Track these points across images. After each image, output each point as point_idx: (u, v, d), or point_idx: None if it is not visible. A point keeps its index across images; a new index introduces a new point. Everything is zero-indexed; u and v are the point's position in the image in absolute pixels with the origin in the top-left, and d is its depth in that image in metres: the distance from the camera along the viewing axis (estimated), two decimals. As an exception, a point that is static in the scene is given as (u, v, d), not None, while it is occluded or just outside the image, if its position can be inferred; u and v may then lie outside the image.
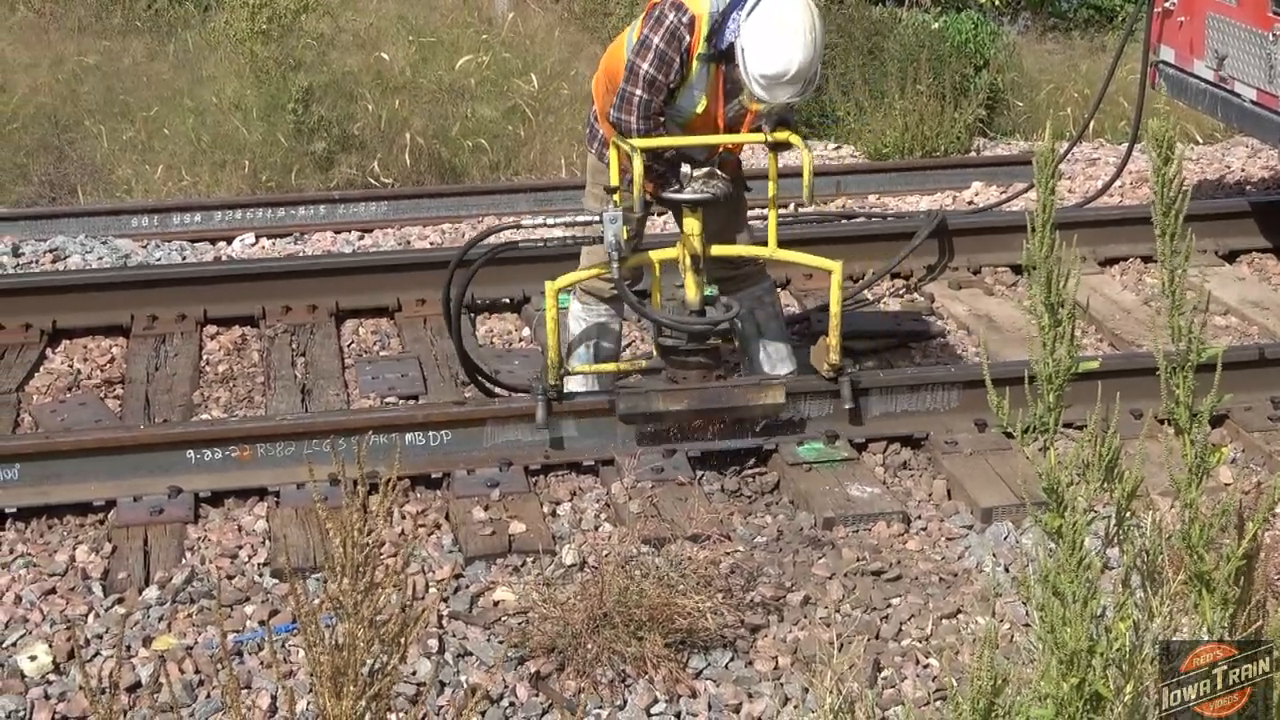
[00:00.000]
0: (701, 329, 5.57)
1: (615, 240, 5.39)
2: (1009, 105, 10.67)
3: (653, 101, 5.43)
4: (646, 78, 5.41)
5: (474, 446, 5.69)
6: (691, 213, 5.54)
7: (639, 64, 5.42)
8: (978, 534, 5.31)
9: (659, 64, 5.41)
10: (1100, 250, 7.88)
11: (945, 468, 5.71)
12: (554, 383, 5.61)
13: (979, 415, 5.92)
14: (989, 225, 8.02)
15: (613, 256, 5.41)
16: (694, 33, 5.41)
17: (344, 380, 6.59)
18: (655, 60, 5.41)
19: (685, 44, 5.40)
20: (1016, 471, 5.60)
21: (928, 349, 6.95)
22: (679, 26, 5.39)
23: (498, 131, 9.86)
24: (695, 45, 5.42)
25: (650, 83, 5.41)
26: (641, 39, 5.44)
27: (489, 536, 5.21)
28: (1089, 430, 3.29)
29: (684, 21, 5.40)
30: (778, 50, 5.31)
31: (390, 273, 7.34)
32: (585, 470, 5.72)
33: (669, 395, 5.63)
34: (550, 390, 5.62)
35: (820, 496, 5.49)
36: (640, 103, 5.43)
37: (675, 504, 5.39)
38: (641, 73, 5.42)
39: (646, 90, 5.42)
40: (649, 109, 5.42)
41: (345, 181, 9.32)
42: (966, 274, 7.80)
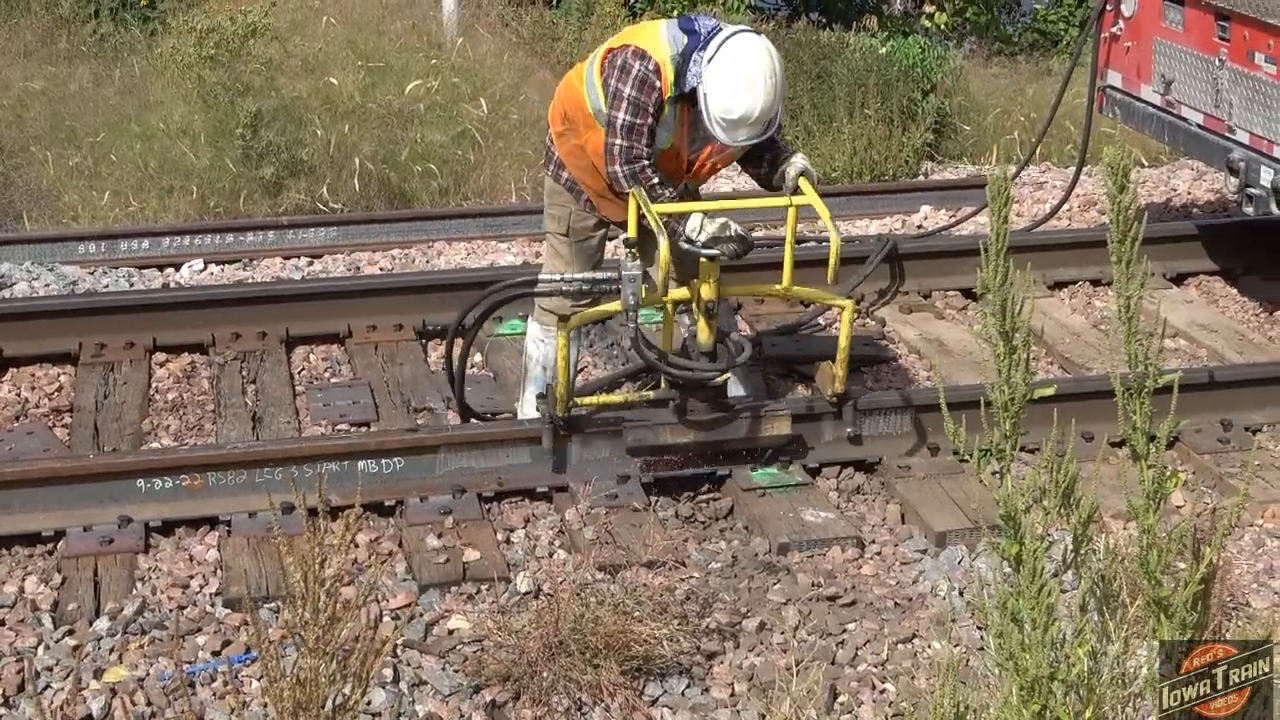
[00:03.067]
0: (712, 375, 5.64)
1: (634, 300, 5.39)
2: (956, 129, 10.71)
3: (633, 148, 5.47)
4: (624, 126, 5.47)
5: (427, 474, 5.67)
6: (709, 262, 5.57)
7: (615, 115, 5.49)
8: (932, 558, 5.32)
9: (635, 110, 5.46)
10: (1050, 274, 7.92)
11: (899, 492, 5.72)
12: (561, 412, 5.63)
13: (931, 440, 5.94)
14: (939, 250, 8.06)
15: (630, 317, 5.41)
16: (662, 78, 5.48)
17: (295, 407, 6.55)
18: (630, 108, 5.46)
19: (657, 88, 5.48)
20: (969, 495, 5.62)
21: (879, 373, 6.97)
22: (647, 74, 5.46)
23: (447, 156, 9.83)
24: (665, 88, 5.48)
25: (629, 129, 5.46)
26: (613, 91, 5.50)
27: (443, 564, 5.19)
28: (1044, 455, 3.31)
29: (650, 69, 5.47)
30: (739, 95, 5.39)
31: (340, 299, 7.30)
32: (538, 496, 5.72)
33: (676, 429, 5.67)
34: (558, 418, 5.64)
35: (774, 521, 5.49)
36: (620, 150, 5.48)
37: (630, 530, 5.38)
38: (619, 122, 5.48)
39: (625, 137, 5.47)
40: (631, 154, 5.47)
41: (294, 207, 9.27)
42: (917, 298, 7.83)
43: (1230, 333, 7.38)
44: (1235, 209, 8.47)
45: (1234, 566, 5.19)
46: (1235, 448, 6.08)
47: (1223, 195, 9.52)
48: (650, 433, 5.68)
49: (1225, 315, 7.68)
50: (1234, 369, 6.61)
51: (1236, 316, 7.68)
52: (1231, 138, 7.20)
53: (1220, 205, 9.37)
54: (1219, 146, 7.26)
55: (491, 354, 7.07)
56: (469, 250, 8.61)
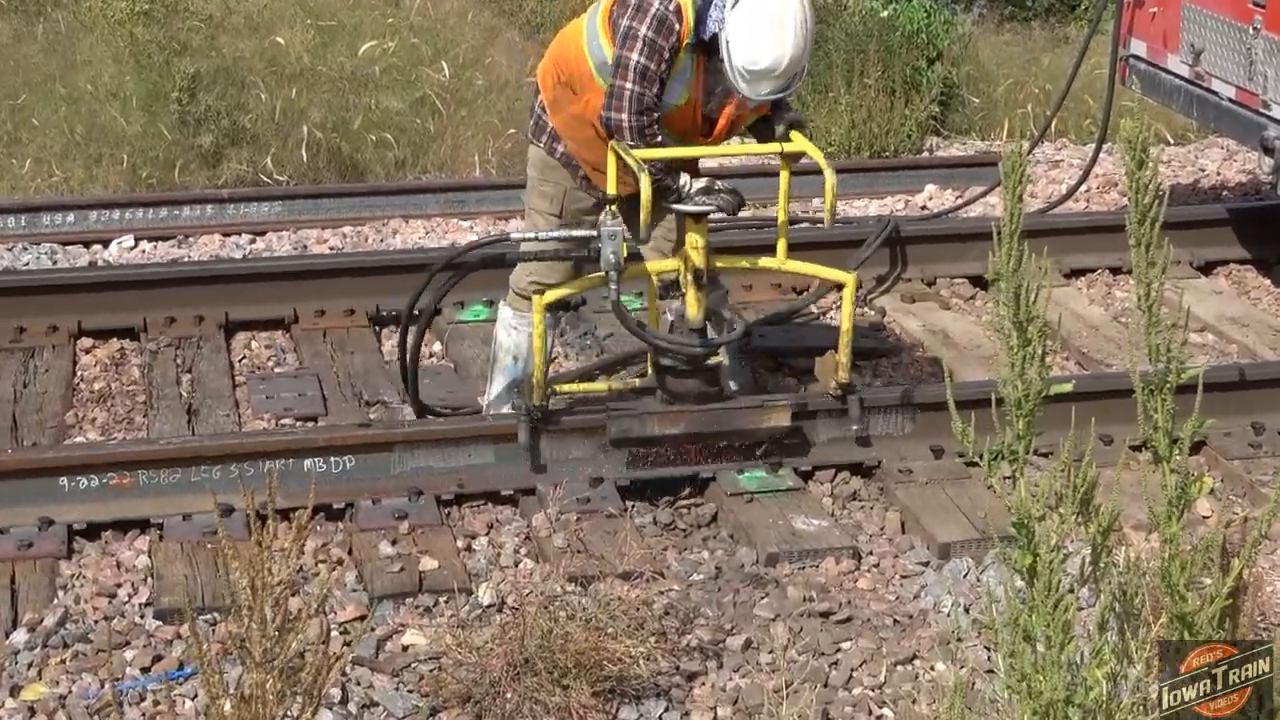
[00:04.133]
0: (702, 352, 5.66)
1: (615, 259, 5.40)
2: (964, 101, 10.74)
3: (645, 95, 5.44)
4: (638, 69, 5.42)
5: (380, 474, 5.67)
6: (695, 224, 5.58)
7: (628, 56, 5.43)
8: (935, 571, 5.34)
9: (649, 53, 5.42)
10: (1065, 261, 7.95)
11: (899, 498, 5.74)
12: (539, 403, 5.62)
13: (936, 441, 5.96)
14: (945, 233, 8.08)
15: (611, 277, 5.42)
16: (683, 20, 5.43)
17: (234, 400, 6.54)
18: (645, 49, 5.41)
19: (676, 32, 5.43)
20: (977, 503, 5.64)
21: (879, 368, 6.99)
22: (667, 14, 5.41)
23: (405, 125, 9.82)
24: (685, 33, 5.45)
25: (642, 74, 5.42)
26: (625, 30, 5.45)
27: (397, 574, 5.19)
28: (1061, 459, 3.33)
29: (671, 9, 5.42)
30: (767, 43, 5.36)
31: (285, 280, 7.29)
32: (504, 500, 5.72)
33: (664, 418, 5.68)
34: (535, 410, 5.64)
35: (763, 530, 5.50)
36: (632, 97, 5.43)
37: (603, 538, 5.39)
38: (632, 64, 5.42)
39: (638, 82, 5.43)
40: (642, 103, 5.44)
41: (235, 179, 9.25)
42: (920, 286, 7.85)
43: (1263, 327, 7.42)
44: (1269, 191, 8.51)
45: (1265, 582, 5.22)
46: (1268, 452, 6.11)
47: (1256, 176, 9.56)
48: (636, 423, 5.68)
49: (1258, 308, 7.71)
50: (1267, 367, 6.64)
51: (1270, 309, 7.72)
52: (1266, 113, 7.23)
53: (1253, 187, 9.42)
54: (1252, 123, 7.29)
55: (452, 342, 7.07)
56: (428, 229, 8.61)
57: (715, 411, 5.74)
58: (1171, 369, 3.35)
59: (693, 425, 5.71)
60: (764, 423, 5.76)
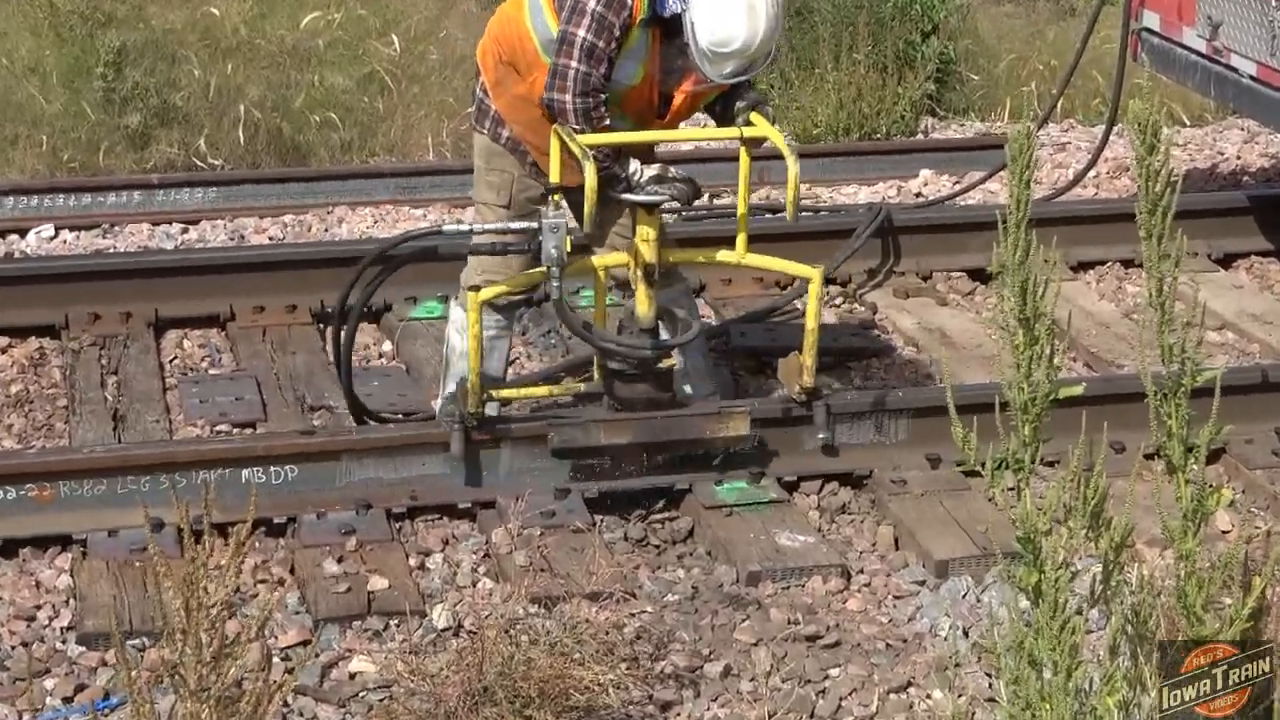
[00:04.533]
0: (654, 354, 5.66)
1: (556, 253, 5.39)
2: (962, 79, 10.77)
3: (592, 75, 5.44)
4: (584, 47, 5.42)
5: (325, 485, 5.68)
6: (646, 216, 5.58)
7: (573, 32, 5.43)
8: (931, 591, 5.35)
9: (598, 30, 5.42)
10: (1073, 253, 7.97)
11: (892, 511, 5.76)
12: (474, 410, 5.62)
13: (932, 449, 5.98)
14: (941, 222, 8.10)
15: (552, 273, 5.41)
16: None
17: (165, 404, 6.53)
18: (593, 26, 5.42)
19: (628, 7, 5.44)
20: (977, 516, 5.65)
21: (870, 369, 7.01)
22: None
23: (351, 104, 9.81)
24: (638, 9, 5.45)
25: (589, 52, 5.43)
26: (572, 4, 5.45)
27: (344, 594, 5.19)
28: (1069, 468, 3.34)
29: None
30: (737, 23, 5.39)
31: (221, 274, 7.28)
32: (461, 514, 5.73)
33: (612, 427, 5.68)
34: (469, 418, 5.64)
35: (743, 546, 5.51)
36: (577, 77, 5.44)
37: (569, 555, 5.40)
38: (578, 41, 5.43)
39: (584, 61, 5.44)
40: (588, 84, 5.44)
41: (165, 163, 9.23)
42: (915, 280, 7.87)
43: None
44: (1293, 177, 8.54)
45: (1289, 603, 5.24)
46: (1293, 461, 6.14)
47: (1278, 161, 9.60)
48: (581, 432, 5.69)
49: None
50: (1291, 368, 6.66)
51: (1295, 305, 7.74)
52: (1290, 92, 7.26)
53: (1276, 173, 9.46)
54: (1275, 102, 7.32)
55: (404, 342, 7.07)
56: (376, 217, 8.60)
57: (666, 419, 5.74)
58: (1187, 370, 3.36)
59: (642, 434, 5.72)
60: (721, 431, 5.77)
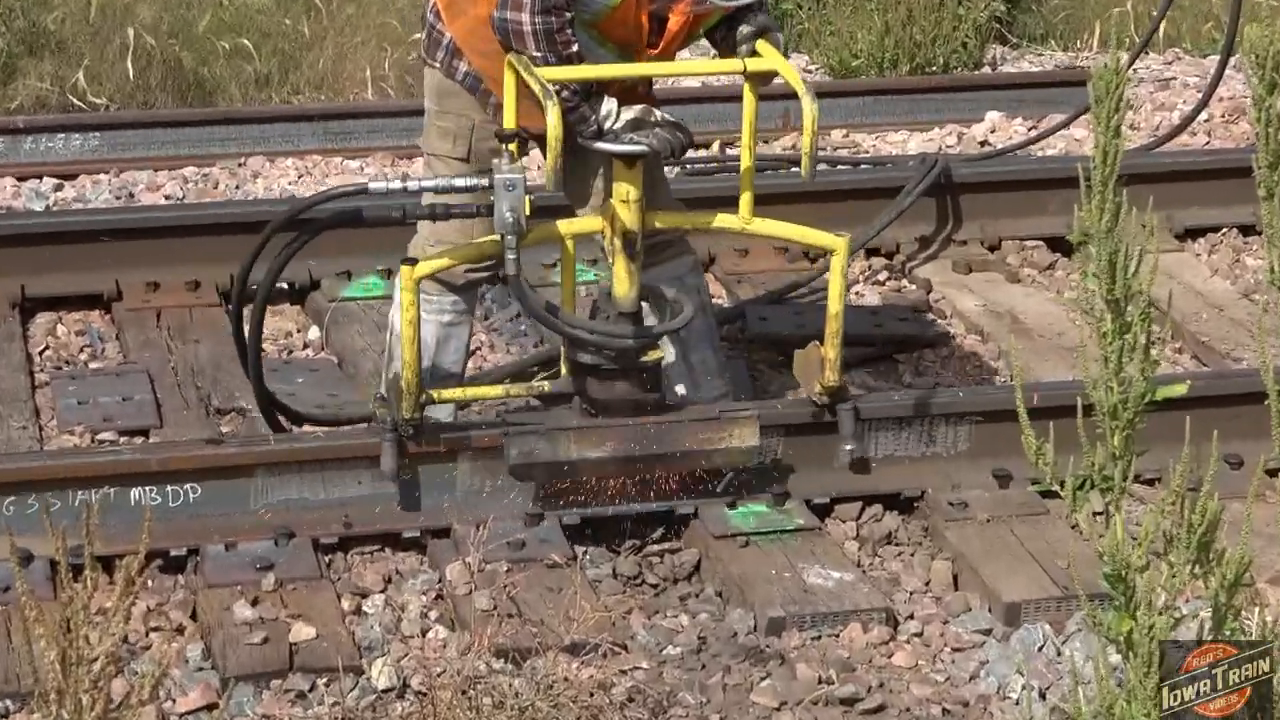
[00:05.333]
0: (636, 344, 5.64)
1: (512, 217, 5.38)
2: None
3: None
4: None
5: (236, 508, 5.69)
6: (625, 170, 5.57)
7: None
8: (999, 642, 5.36)
9: None
10: (1178, 217, 7.99)
11: (950, 542, 5.78)
12: (410, 415, 5.63)
13: (1000, 463, 6.01)
14: (1013, 177, 8.12)
15: (508, 242, 5.39)
16: None
17: (34, 406, 6.55)
18: None
19: None
20: (1056, 548, 5.67)
21: (922, 363, 7.03)
22: None
23: (269, 27, 9.83)
24: None
25: None
26: None
27: (259, 646, 5.20)
28: (1171, 487, 3.36)
29: None
30: None
31: (105, 242, 7.31)
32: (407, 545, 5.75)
33: (584, 437, 5.68)
34: (405, 425, 5.65)
35: (763, 585, 5.52)
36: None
37: (544, 596, 5.40)
38: None
39: None
40: (547, 2, 5.45)
41: (34, 102, 9.26)
42: (979, 250, 7.89)
43: None
44: None
45: None
46: None
47: None
48: (545, 443, 5.69)
49: None
50: None
51: None
52: None
53: None
54: None
55: (336, 327, 7.07)
56: (301, 169, 8.62)
57: (652, 427, 5.73)
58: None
59: (622, 446, 5.69)
60: (722, 442, 5.76)
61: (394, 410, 5.65)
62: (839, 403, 5.87)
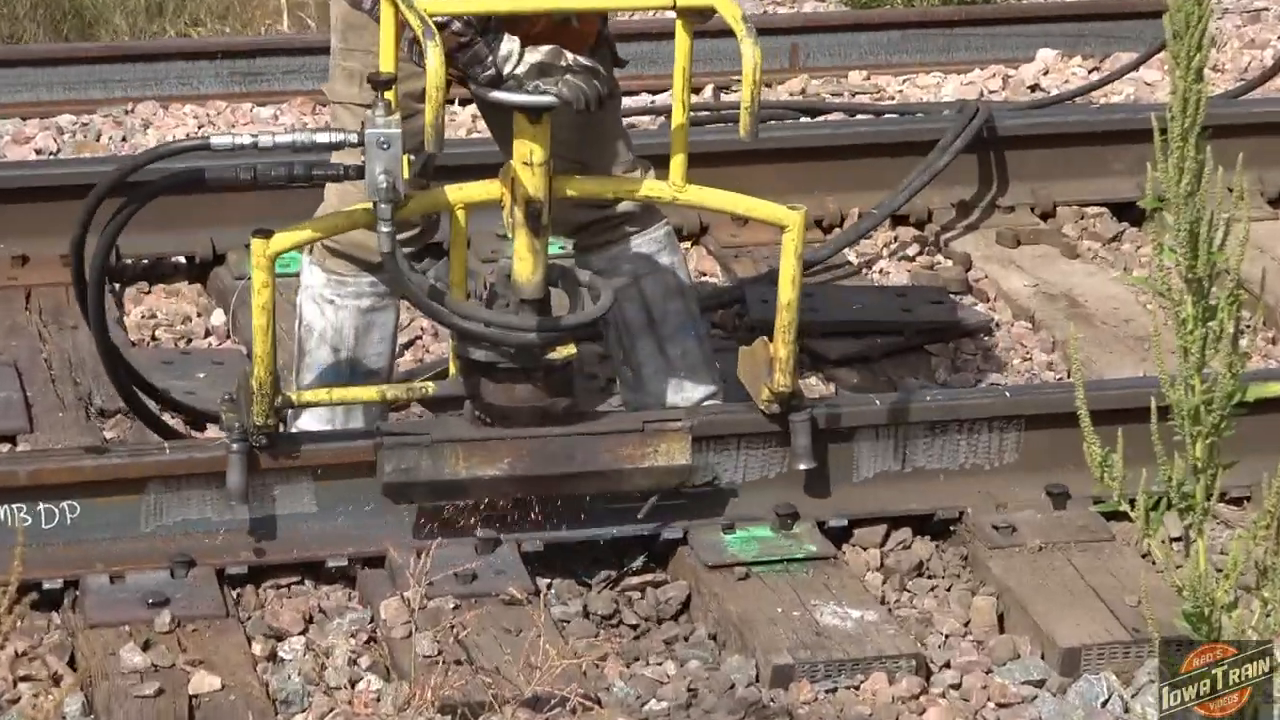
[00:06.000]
0: (540, 338, 5.64)
1: (387, 178, 5.33)
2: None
3: None
4: None
5: (124, 531, 5.70)
6: (529, 125, 5.55)
7: None
8: (1054, 696, 5.38)
9: None
10: (1271, 178, 8.02)
11: (995, 574, 5.80)
12: (263, 421, 5.62)
13: (1056, 478, 6.04)
14: (1069, 130, 8.16)
15: (380, 211, 5.35)
16: None
17: (-128, 405, 6.57)
18: None
19: None
20: (1124, 581, 5.68)
21: (961, 356, 7.05)
22: None
23: (161, -54, 9.86)
24: None
25: None
26: None
27: (152, 700, 5.20)
28: (1265, 507, 3.38)
29: None
30: None
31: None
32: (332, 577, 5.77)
33: (474, 451, 5.69)
34: (256, 434, 5.66)
35: (766, 626, 5.53)
36: None
37: (500, 639, 5.42)
38: None
39: None
40: None
41: None
42: (1029, 218, 7.91)
43: None
44: None
45: None
46: None
47: None
48: (427, 458, 5.68)
49: None
50: None
51: None
52: None
53: None
54: None
55: (244, 310, 7.08)
56: (202, 117, 8.64)
57: (560, 440, 5.73)
58: None
59: (521, 463, 5.70)
60: (645, 459, 5.76)
61: (244, 414, 5.64)
62: (792, 411, 5.86)
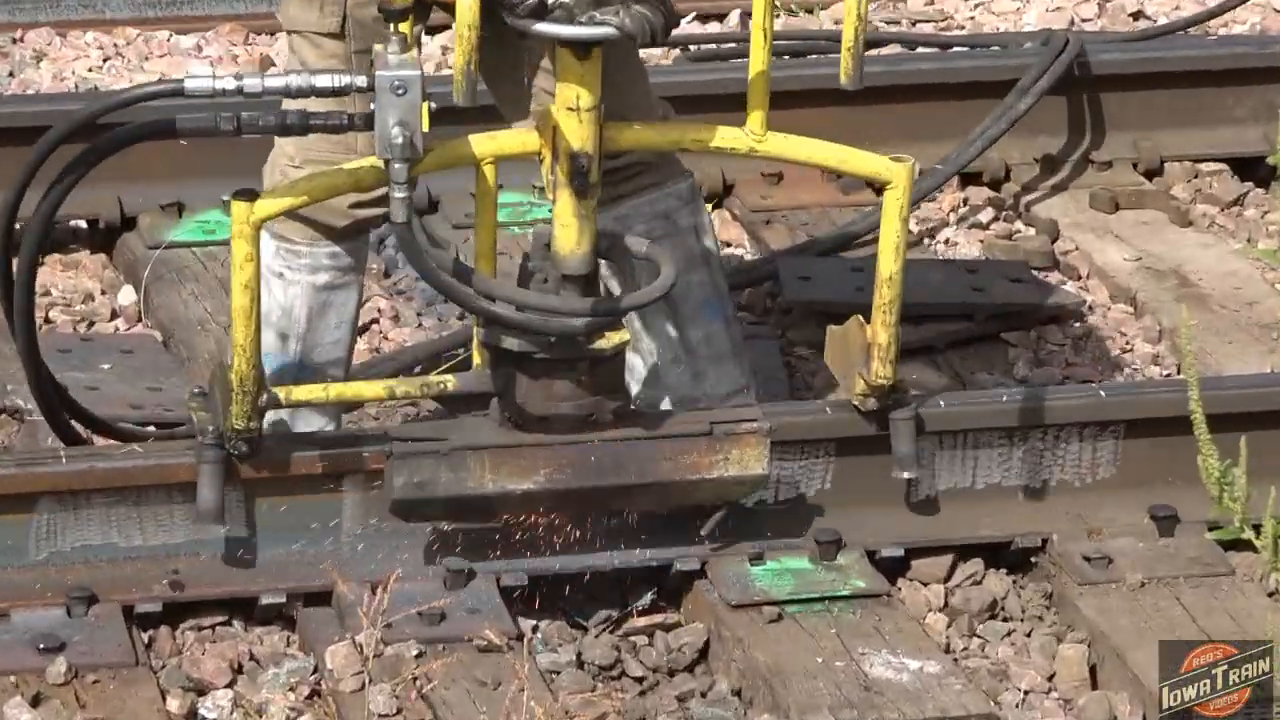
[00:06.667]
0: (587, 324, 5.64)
1: (403, 131, 5.29)
2: None
3: None
4: None
5: (11, 559, 5.71)
6: (578, 63, 5.54)
7: None
8: (1160, 765, 5.39)
9: None
10: None
11: (1086, 616, 5.79)
12: (244, 425, 5.61)
13: (1161, 497, 6.02)
14: (1179, 68, 8.18)
15: (394, 171, 5.31)
16: None
17: None
18: None
19: None
20: (1244, 623, 5.68)
21: (1045, 346, 7.05)
22: None
23: None
24: None
25: None
26: None
27: (46, 765, 5.23)
28: None
29: None
30: None
31: None
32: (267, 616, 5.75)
33: (504, 459, 5.70)
34: (237, 440, 5.65)
35: (802, 680, 5.53)
36: None
37: (474, 694, 5.43)
38: None
39: None
40: None
41: None
42: (1129, 175, 7.92)
43: None
44: None
45: None
46: None
47: None
48: (446, 469, 5.71)
49: None
50: None
51: None
52: None
53: None
54: None
55: (160, 288, 7.09)
56: (109, 49, 8.69)
57: (610, 447, 5.76)
58: None
59: (564, 475, 5.73)
60: (715, 470, 5.79)
61: (218, 415, 5.64)
62: (893, 409, 5.88)
